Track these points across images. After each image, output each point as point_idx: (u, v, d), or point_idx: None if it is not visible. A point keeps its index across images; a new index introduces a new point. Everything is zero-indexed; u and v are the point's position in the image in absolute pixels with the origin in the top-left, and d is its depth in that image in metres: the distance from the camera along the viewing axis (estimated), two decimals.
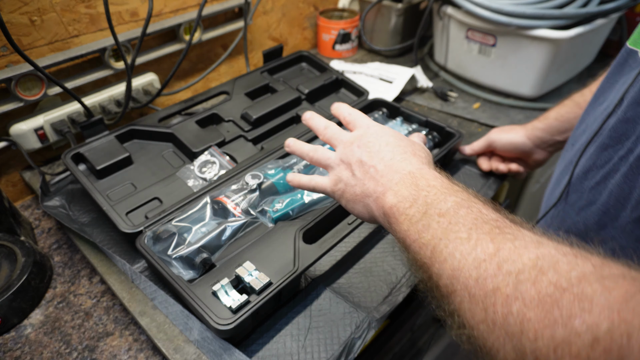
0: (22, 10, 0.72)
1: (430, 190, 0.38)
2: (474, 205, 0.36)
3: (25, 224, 0.73)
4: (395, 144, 0.45)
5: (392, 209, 0.39)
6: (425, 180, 0.40)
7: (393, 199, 0.40)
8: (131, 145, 0.79)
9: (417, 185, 0.39)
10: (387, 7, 1.12)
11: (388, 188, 0.41)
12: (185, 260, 0.59)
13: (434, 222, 0.35)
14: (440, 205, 0.36)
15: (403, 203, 0.39)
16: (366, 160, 0.44)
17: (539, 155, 0.75)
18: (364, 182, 0.44)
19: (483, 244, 0.32)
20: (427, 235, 0.35)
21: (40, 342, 0.60)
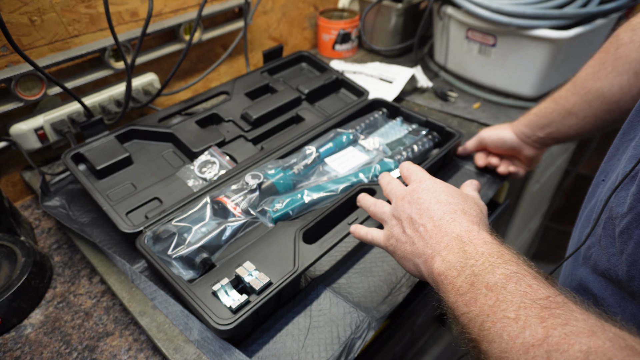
0: (22, 10, 0.72)
1: (479, 258, 0.37)
2: (523, 279, 0.34)
3: (25, 224, 0.73)
4: (445, 201, 0.45)
5: (440, 276, 0.39)
6: (473, 246, 0.39)
7: (441, 265, 0.39)
8: (131, 145, 0.79)
9: (465, 251, 0.38)
10: (387, 7, 1.12)
11: (436, 252, 0.41)
12: (185, 260, 0.59)
13: (482, 296, 0.34)
14: (487, 277, 0.35)
15: (451, 271, 0.38)
16: (416, 218, 0.45)
17: (528, 151, 0.76)
18: (414, 241, 0.44)
19: (532, 327, 0.30)
20: (475, 310, 0.35)
21: (40, 342, 0.60)
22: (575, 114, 0.67)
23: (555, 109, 0.69)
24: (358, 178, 0.72)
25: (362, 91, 0.92)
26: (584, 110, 0.65)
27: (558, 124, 0.69)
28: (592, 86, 0.63)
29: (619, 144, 0.47)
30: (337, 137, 0.80)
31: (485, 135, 0.79)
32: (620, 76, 0.60)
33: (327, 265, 0.66)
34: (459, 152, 0.84)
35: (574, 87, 0.66)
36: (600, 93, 0.63)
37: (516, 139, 0.76)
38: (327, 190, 0.69)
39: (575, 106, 0.66)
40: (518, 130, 0.75)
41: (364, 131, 0.83)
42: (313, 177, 0.74)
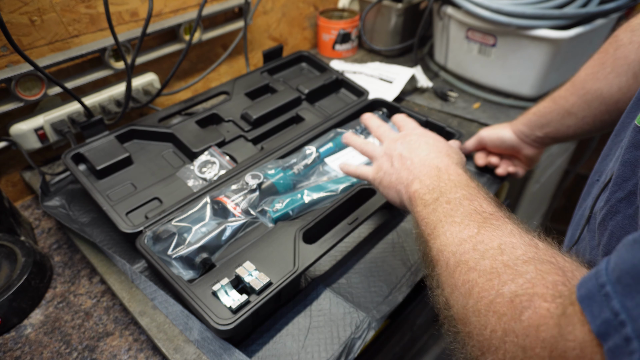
0: (22, 10, 0.72)
1: (448, 182, 0.45)
2: (477, 199, 0.42)
3: (25, 224, 0.73)
4: (433, 144, 0.52)
5: (415, 193, 0.47)
6: (447, 174, 0.46)
7: (417, 185, 0.47)
8: (131, 146, 0.79)
9: (440, 177, 0.46)
10: (387, 7, 1.12)
11: (416, 177, 0.48)
12: (185, 260, 0.59)
13: (441, 207, 0.43)
14: (450, 194, 0.43)
15: (423, 189, 0.46)
16: (405, 154, 0.51)
17: (527, 150, 0.76)
18: (400, 172, 0.51)
19: (470, 228, 0.39)
20: (433, 216, 0.43)
21: (40, 342, 0.60)
22: (574, 114, 0.67)
23: (554, 108, 0.69)
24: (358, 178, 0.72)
25: (362, 91, 0.92)
26: (582, 110, 0.65)
27: (557, 123, 0.69)
28: (591, 86, 0.63)
29: (611, 145, 0.48)
30: (337, 137, 0.80)
31: (485, 135, 0.79)
32: (620, 77, 0.60)
33: (327, 265, 0.66)
34: None
35: (573, 87, 0.67)
36: (599, 93, 0.63)
37: (515, 139, 0.76)
38: (327, 190, 0.69)
39: (574, 106, 0.66)
40: (517, 129, 0.75)
41: (364, 131, 0.83)
42: (313, 177, 0.74)
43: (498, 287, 0.33)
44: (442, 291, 0.39)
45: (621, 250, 0.26)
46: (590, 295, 0.26)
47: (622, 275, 0.25)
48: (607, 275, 0.25)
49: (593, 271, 0.27)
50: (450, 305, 0.37)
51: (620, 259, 0.26)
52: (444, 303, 0.39)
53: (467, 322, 0.34)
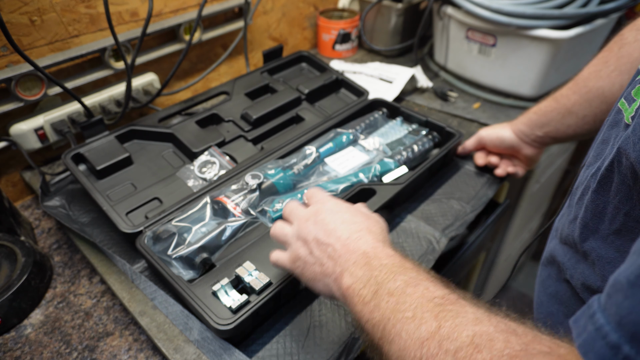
0: (22, 10, 0.72)
1: (382, 269, 0.39)
2: (422, 283, 0.37)
3: (25, 224, 0.73)
4: (350, 220, 0.46)
5: (348, 290, 0.40)
6: (378, 259, 0.41)
7: (349, 279, 0.41)
8: (131, 146, 0.79)
9: (371, 265, 0.41)
10: (387, 7, 1.12)
11: (345, 269, 0.42)
12: (185, 260, 0.59)
13: (384, 302, 0.37)
14: (389, 284, 0.38)
15: (357, 284, 0.40)
16: (323, 239, 0.45)
17: (526, 150, 0.76)
18: (323, 262, 0.44)
19: (427, 323, 0.33)
20: (377, 315, 0.37)
21: (40, 342, 0.60)
22: (575, 113, 0.67)
23: (555, 107, 0.69)
24: (358, 178, 0.72)
25: (362, 91, 0.92)
26: (583, 109, 0.65)
27: (557, 123, 0.69)
28: (593, 85, 0.63)
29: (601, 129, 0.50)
30: (337, 137, 0.80)
31: (484, 135, 0.79)
32: (622, 75, 0.60)
33: None
34: (458, 152, 0.84)
35: (575, 85, 0.66)
36: (601, 92, 0.63)
37: (515, 138, 0.76)
38: (327, 190, 0.69)
39: (575, 105, 0.66)
40: (517, 129, 0.75)
41: (364, 131, 0.83)
42: (313, 177, 0.74)
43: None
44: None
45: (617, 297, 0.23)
46: None
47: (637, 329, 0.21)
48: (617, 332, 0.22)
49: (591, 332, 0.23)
50: None
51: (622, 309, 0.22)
52: None
53: None
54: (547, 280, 0.54)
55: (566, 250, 0.49)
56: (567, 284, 0.50)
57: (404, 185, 0.69)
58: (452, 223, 0.71)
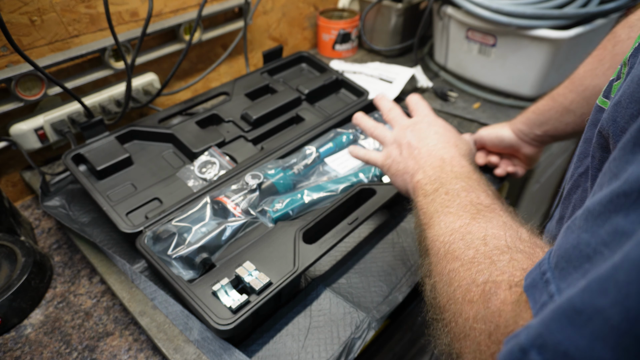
0: (22, 10, 0.72)
1: (450, 174, 0.46)
2: (475, 191, 0.43)
3: (25, 224, 0.73)
4: (442, 133, 0.53)
5: (417, 183, 0.48)
6: (451, 166, 0.48)
7: (421, 176, 0.48)
8: (131, 146, 0.79)
9: (443, 168, 0.47)
10: (387, 7, 1.12)
11: (421, 167, 0.49)
12: (185, 260, 0.59)
13: (439, 198, 0.44)
14: (449, 185, 0.44)
15: (425, 180, 0.47)
16: (414, 143, 0.53)
17: (526, 149, 0.76)
18: (407, 161, 0.52)
19: (462, 219, 0.40)
20: (431, 207, 0.44)
21: (40, 342, 0.60)
22: (572, 111, 0.67)
23: (553, 106, 0.69)
24: (358, 178, 0.72)
25: (362, 91, 0.92)
26: (581, 107, 0.66)
27: (555, 121, 0.69)
28: (590, 83, 0.64)
29: None
30: (337, 137, 0.80)
31: (484, 134, 0.79)
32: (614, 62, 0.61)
33: (327, 265, 0.66)
34: None
35: (571, 84, 0.67)
36: (598, 90, 0.63)
37: (514, 137, 0.76)
38: (327, 190, 0.69)
39: (572, 103, 0.66)
40: (516, 128, 0.75)
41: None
42: (313, 177, 0.74)
43: (475, 275, 0.34)
44: (430, 279, 0.40)
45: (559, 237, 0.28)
46: (534, 284, 0.27)
47: (559, 260, 0.26)
48: (549, 263, 0.27)
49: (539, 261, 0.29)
50: (435, 293, 0.39)
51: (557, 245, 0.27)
52: (431, 291, 0.40)
53: (446, 309, 0.36)
54: None
55: None
56: None
57: None
58: None
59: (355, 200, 0.68)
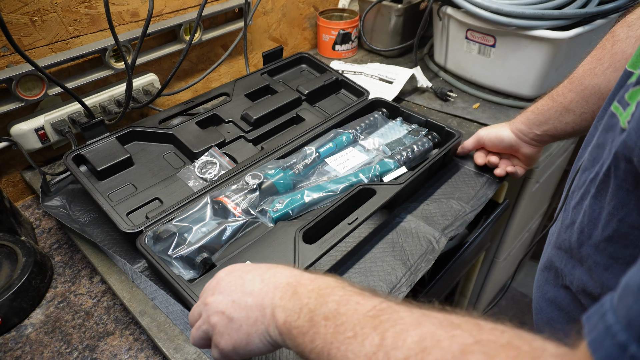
0: (23, 11, 0.72)
1: (310, 295, 0.38)
2: (350, 299, 0.36)
3: (25, 224, 0.74)
4: (254, 270, 0.44)
5: (284, 325, 0.38)
6: (303, 286, 0.39)
7: (281, 315, 0.38)
8: (132, 147, 0.79)
9: (298, 294, 0.39)
10: (387, 7, 1.13)
11: (274, 306, 0.39)
12: (186, 260, 0.59)
13: (322, 328, 0.35)
14: (322, 309, 0.36)
15: (291, 316, 0.38)
16: (237, 297, 0.42)
17: (526, 149, 0.76)
18: (248, 316, 0.41)
19: (369, 338, 0.32)
20: (319, 342, 0.35)
21: (41, 342, 0.60)
22: (572, 111, 0.67)
23: (553, 106, 0.69)
24: (358, 178, 0.72)
25: (362, 91, 0.92)
26: (581, 106, 0.66)
27: (555, 121, 0.69)
28: (589, 82, 0.64)
29: (592, 131, 0.50)
30: (337, 137, 0.80)
31: (483, 134, 0.79)
32: (617, 72, 0.61)
33: (327, 265, 0.66)
34: (458, 152, 0.84)
35: (571, 84, 0.67)
36: (597, 89, 0.63)
37: (514, 137, 0.76)
38: (327, 190, 0.69)
39: (572, 103, 0.66)
40: (515, 128, 0.75)
41: (364, 131, 0.84)
42: (313, 177, 0.74)
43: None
44: None
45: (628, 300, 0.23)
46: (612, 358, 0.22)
47: None
48: (626, 333, 0.22)
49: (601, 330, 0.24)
50: None
51: (632, 312, 0.23)
52: None
53: None
54: (545, 286, 0.54)
55: (562, 255, 0.50)
56: (567, 290, 0.50)
57: (404, 185, 0.70)
58: (451, 223, 0.71)
59: (355, 200, 0.68)
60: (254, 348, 0.41)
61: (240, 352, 0.42)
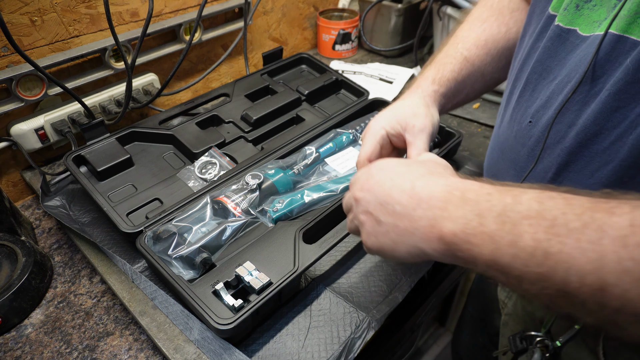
0: (23, 11, 0.72)
1: (490, 198, 0.34)
2: (551, 193, 0.32)
3: (25, 224, 0.74)
4: (406, 171, 0.41)
5: (458, 236, 0.34)
6: (472, 192, 0.35)
7: (451, 224, 0.34)
8: (132, 147, 0.79)
9: (469, 199, 0.35)
10: (387, 7, 1.13)
11: (434, 217, 0.36)
12: (186, 260, 0.59)
13: (526, 227, 0.31)
14: (517, 208, 0.32)
15: (469, 225, 0.33)
16: (385, 200, 0.40)
17: None
18: (396, 224, 0.39)
19: (609, 223, 0.27)
20: (528, 243, 0.30)
21: (41, 342, 0.60)
22: (484, 76, 0.62)
23: (472, 71, 0.60)
24: None
25: (362, 91, 0.92)
26: (493, 70, 0.62)
27: (469, 88, 0.61)
28: (504, 45, 0.61)
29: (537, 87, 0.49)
30: (337, 137, 0.80)
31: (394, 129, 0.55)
32: (517, 24, 0.60)
33: (327, 265, 0.66)
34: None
35: (485, 47, 0.61)
36: (509, 52, 0.61)
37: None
38: (327, 190, 0.69)
39: (488, 67, 0.61)
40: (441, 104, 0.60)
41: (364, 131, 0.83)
42: (313, 177, 0.74)
43: None
44: None
45: None
46: None
47: None
48: None
49: None
50: None
51: None
52: None
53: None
54: None
55: None
56: None
57: None
58: None
59: None
60: (398, 256, 0.40)
61: (386, 256, 0.42)
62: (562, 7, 0.46)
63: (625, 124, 0.40)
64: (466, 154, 0.86)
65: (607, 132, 0.41)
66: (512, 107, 0.53)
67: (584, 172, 0.44)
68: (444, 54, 0.62)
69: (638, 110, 0.39)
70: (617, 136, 0.41)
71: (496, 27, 0.62)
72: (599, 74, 0.42)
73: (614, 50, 0.40)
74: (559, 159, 0.46)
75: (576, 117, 0.44)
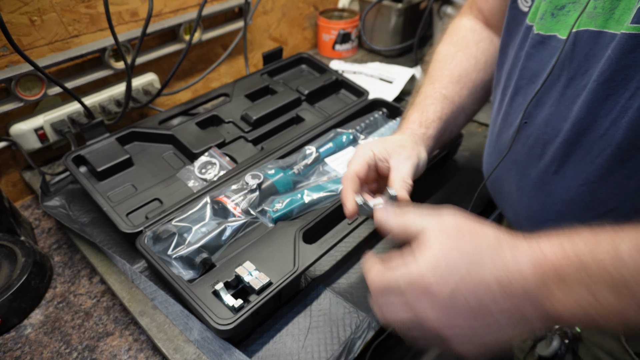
0: (22, 10, 0.72)
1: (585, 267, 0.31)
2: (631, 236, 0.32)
3: (25, 224, 0.73)
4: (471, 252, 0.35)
5: (567, 312, 0.32)
6: (565, 259, 0.32)
7: (558, 305, 0.32)
8: (132, 147, 0.79)
9: (565, 272, 0.32)
10: (387, 7, 1.12)
11: (537, 299, 0.32)
12: (185, 260, 0.59)
13: None
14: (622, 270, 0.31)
15: (581, 301, 0.31)
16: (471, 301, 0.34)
17: None
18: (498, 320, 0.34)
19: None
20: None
21: (40, 342, 0.60)
22: (464, 110, 0.63)
23: (453, 109, 0.61)
24: None
25: (362, 91, 0.92)
26: (470, 104, 0.63)
27: (452, 125, 0.62)
28: (476, 77, 0.63)
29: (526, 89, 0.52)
30: (337, 137, 0.80)
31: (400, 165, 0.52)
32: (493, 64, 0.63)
33: (327, 265, 0.66)
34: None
35: (460, 82, 0.62)
36: (483, 83, 0.64)
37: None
38: (327, 190, 0.69)
39: (467, 101, 0.63)
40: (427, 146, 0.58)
41: (364, 131, 0.83)
42: (313, 177, 0.74)
43: None
44: None
45: None
46: None
47: None
48: None
49: None
50: None
51: None
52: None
53: None
54: None
55: None
56: None
57: None
58: None
59: None
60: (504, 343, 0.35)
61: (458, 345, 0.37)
62: (538, 17, 0.49)
63: (617, 109, 0.43)
64: (466, 154, 0.86)
65: (602, 119, 0.45)
66: (504, 112, 0.57)
67: (585, 160, 0.47)
68: (424, 95, 0.62)
69: (627, 95, 0.42)
70: (612, 121, 0.44)
71: (466, 61, 0.64)
72: (585, 68, 0.45)
73: (596, 45, 0.44)
74: (559, 151, 0.49)
75: (571, 110, 0.47)
